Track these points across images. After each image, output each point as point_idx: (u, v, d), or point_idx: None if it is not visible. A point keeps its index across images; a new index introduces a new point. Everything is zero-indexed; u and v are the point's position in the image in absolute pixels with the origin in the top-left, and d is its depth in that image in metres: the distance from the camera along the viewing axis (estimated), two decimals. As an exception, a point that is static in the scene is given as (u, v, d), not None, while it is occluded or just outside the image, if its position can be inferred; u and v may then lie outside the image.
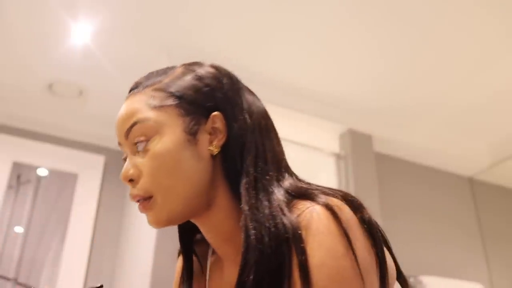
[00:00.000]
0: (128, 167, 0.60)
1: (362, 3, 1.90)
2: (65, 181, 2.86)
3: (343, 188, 2.47)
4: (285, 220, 0.52)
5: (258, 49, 2.20)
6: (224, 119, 0.61)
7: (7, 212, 2.82)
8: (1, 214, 2.67)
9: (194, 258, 0.70)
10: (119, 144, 0.64)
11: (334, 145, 2.63)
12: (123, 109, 0.62)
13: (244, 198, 0.56)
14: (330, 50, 2.19)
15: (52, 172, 2.98)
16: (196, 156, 0.59)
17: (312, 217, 0.51)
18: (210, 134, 0.61)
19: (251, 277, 0.51)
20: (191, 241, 0.70)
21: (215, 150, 0.60)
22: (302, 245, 0.50)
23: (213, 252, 0.70)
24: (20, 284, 2.78)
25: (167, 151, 0.58)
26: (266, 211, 0.54)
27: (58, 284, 2.57)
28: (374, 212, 2.51)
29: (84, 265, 2.61)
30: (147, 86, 0.63)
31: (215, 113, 0.61)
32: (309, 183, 0.61)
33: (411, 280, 2.44)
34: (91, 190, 2.77)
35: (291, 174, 0.63)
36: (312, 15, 1.97)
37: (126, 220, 2.69)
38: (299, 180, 0.63)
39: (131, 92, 0.65)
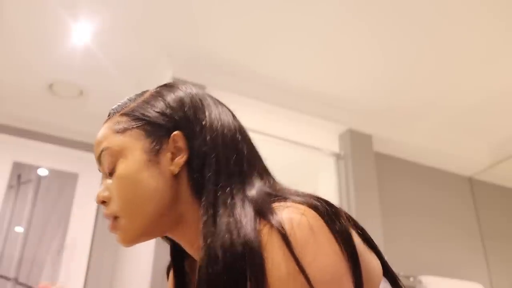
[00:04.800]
0: (101, 190, 0.64)
1: (362, 3, 1.90)
2: (65, 181, 2.86)
3: (343, 188, 2.47)
4: (247, 235, 0.51)
5: (258, 49, 2.20)
6: (185, 138, 0.63)
7: (7, 212, 2.82)
8: (1, 214, 2.68)
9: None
10: (98, 169, 0.68)
11: (334, 145, 2.63)
12: (96, 137, 0.66)
13: (202, 216, 0.56)
14: (331, 50, 2.19)
15: (52, 172, 2.98)
16: (157, 175, 0.61)
17: (267, 237, 0.51)
18: (172, 153, 0.63)
19: None
20: (183, 256, 0.71)
21: (176, 169, 0.62)
22: (256, 264, 0.49)
23: None
24: (20, 284, 2.78)
25: (128, 173, 0.61)
26: (223, 227, 0.53)
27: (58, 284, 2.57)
28: (374, 212, 2.50)
29: (84, 265, 2.61)
30: (116, 113, 0.67)
31: (175, 132, 0.63)
32: (281, 190, 0.60)
33: (410, 280, 2.44)
34: (91, 190, 2.77)
35: (265, 180, 0.62)
36: (312, 15, 1.97)
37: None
38: (273, 186, 0.61)
39: (106, 119, 0.68)
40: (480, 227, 2.91)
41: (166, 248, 0.75)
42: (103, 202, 0.64)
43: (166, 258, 0.75)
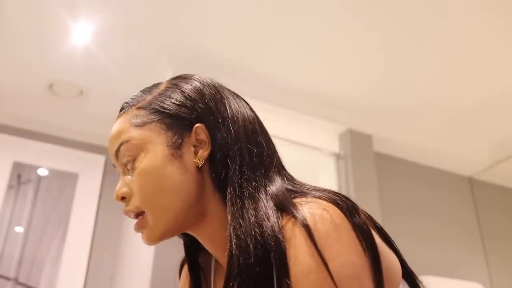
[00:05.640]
0: (120, 186, 0.62)
1: (362, 3, 1.90)
2: (65, 181, 2.86)
3: (343, 188, 2.47)
4: (274, 228, 0.51)
5: (258, 49, 2.20)
6: (207, 130, 0.61)
7: (7, 212, 2.82)
8: (1, 214, 2.68)
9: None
10: (113, 164, 0.66)
11: (334, 145, 2.63)
12: (111, 132, 0.64)
13: (229, 208, 0.56)
14: (330, 50, 2.19)
15: (52, 172, 2.98)
16: (182, 169, 0.60)
17: (290, 232, 0.51)
18: (195, 146, 0.61)
19: (235, 286, 0.50)
20: (196, 253, 0.70)
21: (200, 162, 0.60)
22: (280, 258, 0.49)
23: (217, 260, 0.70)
24: (20, 284, 2.78)
25: (152, 167, 0.59)
26: (252, 219, 0.53)
27: (58, 284, 2.57)
28: (374, 212, 2.50)
29: (84, 265, 2.61)
30: (131, 106, 0.65)
31: (198, 124, 0.61)
32: (299, 185, 0.60)
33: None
34: (91, 190, 2.77)
35: (283, 175, 0.62)
36: (312, 14, 1.97)
37: (126, 220, 2.69)
38: (291, 181, 0.62)
39: (119, 113, 0.66)
40: (480, 227, 2.91)
41: (166, 247, 0.75)
42: (123, 198, 0.62)
43: (167, 257, 0.75)
